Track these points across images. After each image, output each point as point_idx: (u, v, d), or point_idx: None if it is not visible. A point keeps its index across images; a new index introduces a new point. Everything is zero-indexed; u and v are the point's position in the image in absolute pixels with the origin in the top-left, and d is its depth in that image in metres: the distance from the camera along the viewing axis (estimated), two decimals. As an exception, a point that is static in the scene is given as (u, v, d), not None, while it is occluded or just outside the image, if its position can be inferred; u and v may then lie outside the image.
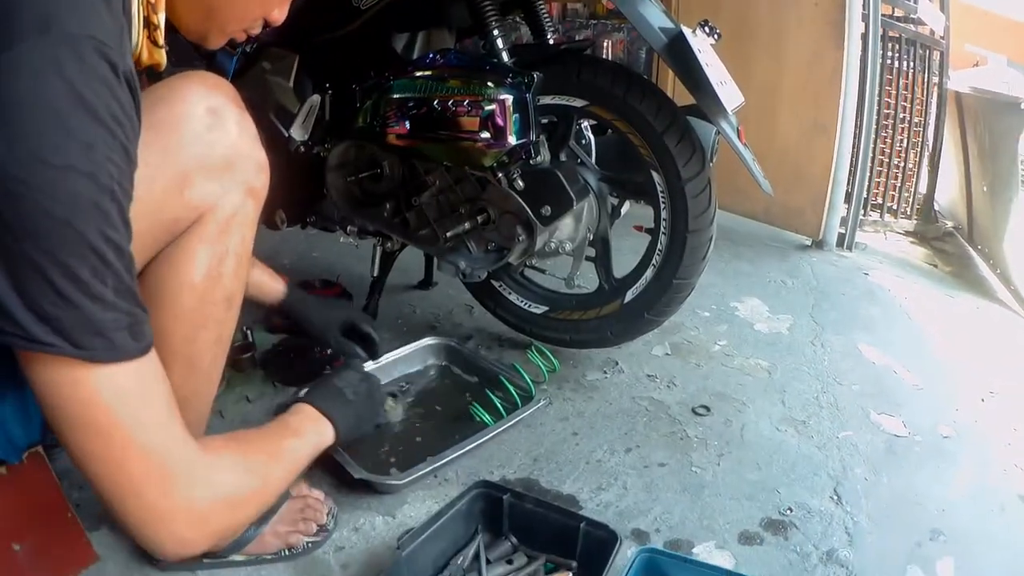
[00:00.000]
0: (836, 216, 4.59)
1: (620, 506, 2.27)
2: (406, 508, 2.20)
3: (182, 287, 1.57)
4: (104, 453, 1.18)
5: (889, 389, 3.05)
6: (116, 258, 1.11)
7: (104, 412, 1.15)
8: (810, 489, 2.40)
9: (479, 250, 2.67)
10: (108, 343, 1.11)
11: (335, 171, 2.75)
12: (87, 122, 1.05)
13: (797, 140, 4.54)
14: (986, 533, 2.30)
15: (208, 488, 1.31)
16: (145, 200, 1.27)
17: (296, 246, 3.58)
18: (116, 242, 1.10)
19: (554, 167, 2.54)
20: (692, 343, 3.27)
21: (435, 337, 2.88)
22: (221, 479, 1.35)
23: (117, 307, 1.12)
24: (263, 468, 1.49)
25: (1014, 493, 2.49)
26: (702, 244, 2.54)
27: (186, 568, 1.89)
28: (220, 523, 1.38)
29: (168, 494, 1.25)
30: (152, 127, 1.41)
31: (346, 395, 1.87)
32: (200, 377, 1.71)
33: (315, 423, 1.74)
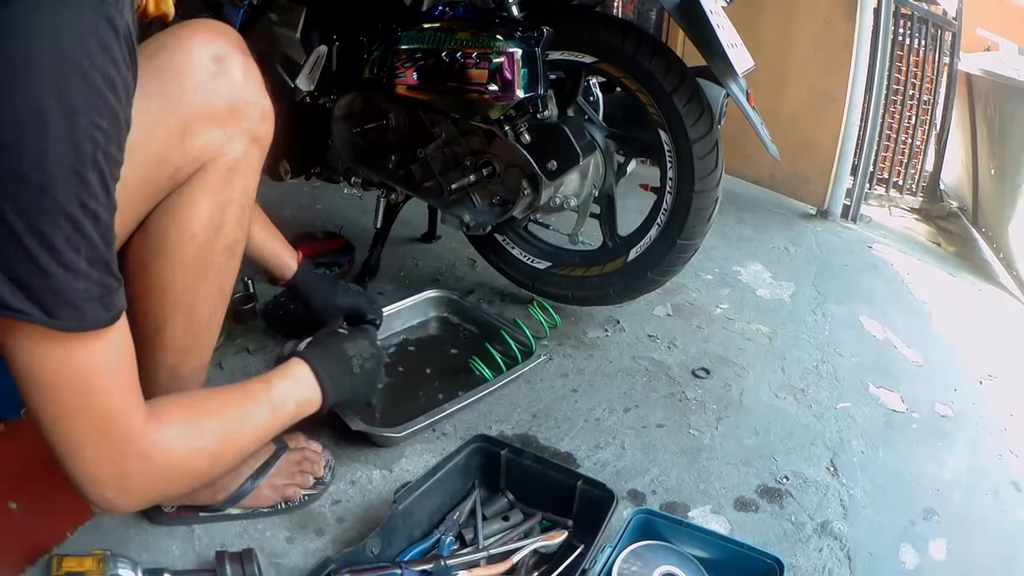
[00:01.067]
0: (842, 187, 4.58)
1: (617, 466, 2.27)
2: (403, 462, 2.20)
3: (183, 236, 1.55)
4: (55, 414, 1.17)
5: (889, 363, 3.05)
6: (92, 227, 1.08)
7: (61, 376, 1.15)
8: (807, 458, 2.40)
9: (483, 203, 2.66)
10: (77, 313, 1.10)
11: (340, 122, 2.73)
12: (76, 87, 1.03)
13: (806, 109, 4.52)
14: (979, 517, 2.30)
15: (146, 462, 1.29)
16: (146, 150, 1.27)
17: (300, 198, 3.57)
18: (94, 211, 1.08)
19: (561, 122, 2.52)
20: (694, 305, 3.27)
21: (437, 290, 2.88)
22: (164, 456, 1.32)
23: (89, 277, 1.10)
24: (217, 445, 1.46)
25: (1008, 479, 2.49)
26: (708, 205, 2.53)
27: (182, 521, 1.89)
28: (154, 494, 1.37)
29: (105, 459, 1.24)
30: (155, 75, 1.41)
31: (352, 366, 1.84)
32: (200, 327, 1.69)
33: (303, 391, 1.71)
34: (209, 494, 1.88)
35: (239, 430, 1.51)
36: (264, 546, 1.87)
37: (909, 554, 2.11)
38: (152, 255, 1.55)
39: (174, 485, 1.40)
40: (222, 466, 1.49)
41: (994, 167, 5.31)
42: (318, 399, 1.72)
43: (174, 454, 1.34)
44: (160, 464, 1.31)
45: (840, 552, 2.07)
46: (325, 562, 1.67)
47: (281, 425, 1.62)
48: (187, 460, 1.38)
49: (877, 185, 5.64)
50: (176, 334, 1.63)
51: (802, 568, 1.99)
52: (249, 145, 1.60)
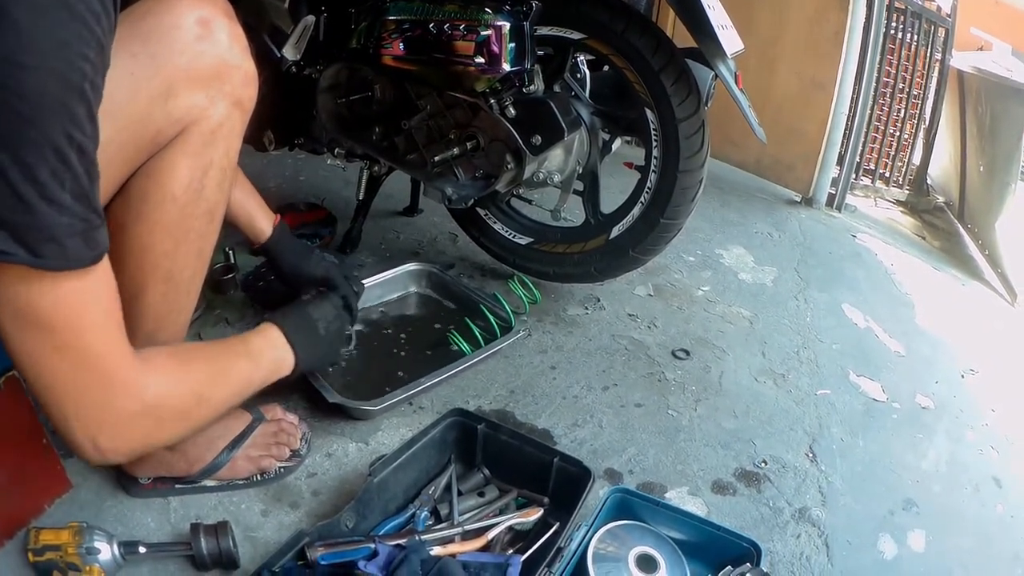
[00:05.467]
0: (828, 175, 4.59)
1: (595, 444, 2.26)
2: (380, 435, 2.19)
3: (164, 199, 1.53)
4: (40, 355, 1.17)
5: (870, 352, 3.05)
6: (78, 160, 1.07)
7: (47, 316, 1.13)
8: (786, 444, 2.40)
9: (467, 177, 2.63)
10: (60, 249, 1.08)
11: (326, 93, 2.71)
12: (64, 18, 1.02)
13: (794, 95, 4.52)
14: (958, 511, 2.31)
15: (135, 400, 1.29)
16: (129, 111, 1.26)
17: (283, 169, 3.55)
18: (80, 142, 1.06)
19: (547, 97, 2.51)
20: (675, 286, 3.26)
21: (417, 263, 2.86)
22: (152, 393, 1.32)
23: (73, 211, 1.08)
24: (204, 387, 1.47)
25: (988, 474, 2.50)
26: (692, 186, 2.52)
27: (157, 493, 1.88)
28: (142, 436, 1.36)
29: (93, 402, 1.23)
30: (140, 37, 1.40)
31: (318, 328, 1.86)
32: (179, 291, 1.68)
33: (277, 350, 1.73)
34: (185, 465, 1.87)
35: (224, 376, 1.54)
36: (239, 519, 1.86)
37: (888, 544, 2.12)
38: (132, 218, 1.53)
39: (163, 428, 1.40)
40: (209, 411, 1.49)
41: (983, 164, 5.33)
42: (291, 360, 1.75)
43: (162, 394, 1.34)
44: (150, 405, 1.31)
45: (818, 539, 2.07)
46: (299, 535, 1.67)
47: (261, 379, 1.64)
48: (176, 401, 1.39)
49: (863, 176, 5.67)
50: (155, 298, 1.62)
51: (779, 553, 1.99)
52: (231, 109, 1.58)
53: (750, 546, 1.81)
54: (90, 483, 1.86)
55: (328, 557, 1.64)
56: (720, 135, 2.78)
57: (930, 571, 2.08)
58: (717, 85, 2.59)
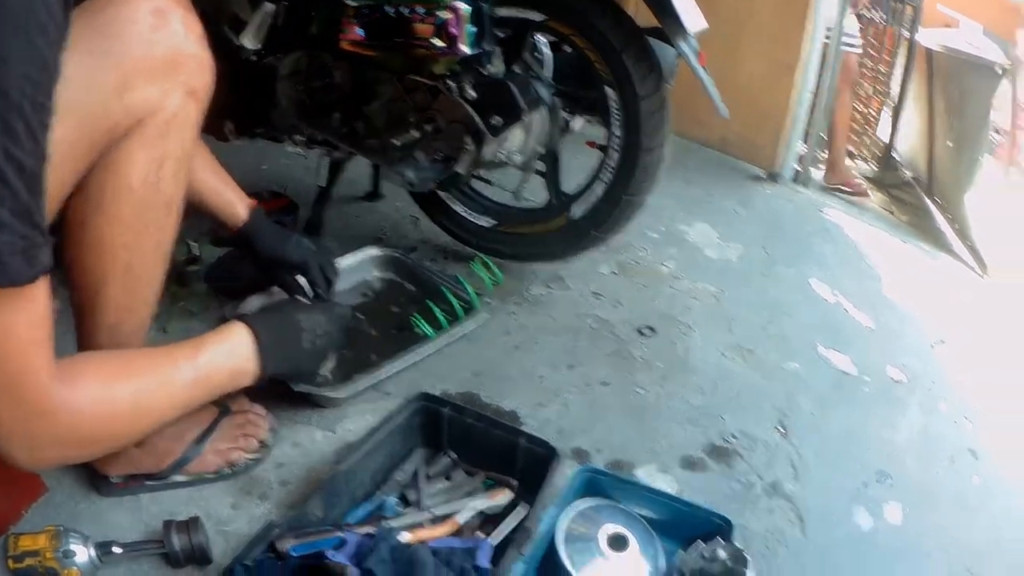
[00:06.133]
0: (793, 151, 4.60)
1: (561, 424, 2.26)
2: (346, 422, 2.18)
3: (121, 193, 1.53)
4: None
5: (839, 326, 3.06)
6: (16, 176, 1.04)
7: None
8: (755, 418, 2.40)
9: (427, 160, 2.62)
10: (2, 270, 1.06)
11: (286, 80, 2.70)
12: (5, 33, 1.00)
13: (760, 73, 4.53)
14: (935, 482, 2.32)
15: (54, 424, 1.26)
16: (85, 106, 1.25)
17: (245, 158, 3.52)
18: (19, 160, 1.04)
19: (506, 78, 2.51)
20: (639, 263, 3.26)
21: (379, 248, 2.84)
22: (73, 416, 1.28)
23: (12, 228, 1.05)
24: (134, 401, 1.41)
25: (964, 445, 2.52)
26: (654, 163, 2.52)
27: (129, 491, 1.86)
28: (59, 453, 1.35)
29: (10, 419, 1.20)
30: (96, 31, 1.39)
31: (302, 339, 1.80)
32: (139, 284, 1.67)
33: (238, 361, 1.66)
34: (153, 461, 1.86)
35: (155, 397, 1.47)
36: (210, 513, 1.85)
37: (863, 516, 2.12)
38: (90, 212, 1.52)
39: (83, 448, 1.39)
40: (134, 432, 1.46)
41: (951, 140, 5.38)
42: (253, 371, 1.67)
43: (82, 417, 1.31)
44: (67, 426, 1.28)
45: (791, 513, 2.08)
46: (269, 527, 1.66)
47: (209, 394, 1.59)
48: (95, 424, 1.35)
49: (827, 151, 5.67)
50: (116, 292, 1.61)
51: (752, 529, 1.99)
52: (187, 99, 1.57)
53: (722, 522, 1.81)
54: (64, 485, 1.84)
55: (298, 548, 1.62)
56: (685, 113, 2.78)
57: (908, 543, 2.09)
58: (680, 63, 2.58)
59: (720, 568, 1.69)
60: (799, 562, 1.96)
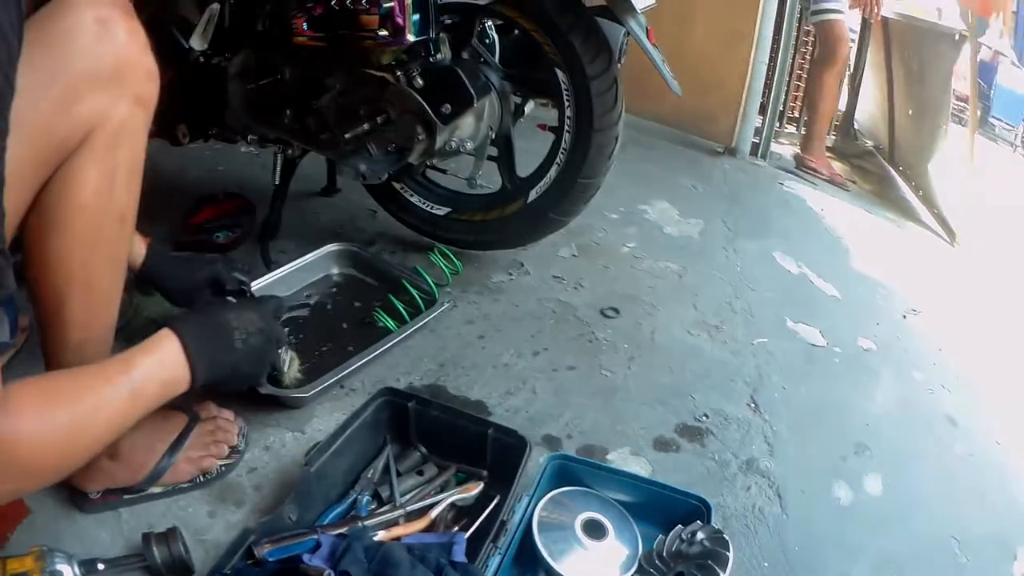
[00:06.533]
0: (750, 124, 4.60)
1: (530, 411, 2.26)
2: (315, 422, 2.17)
3: (73, 209, 1.51)
4: None
5: (806, 298, 3.07)
6: None
7: None
8: (726, 396, 2.41)
9: (379, 152, 2.60)
10: None
11: (235, 80, 2.67)
12: None
13: (713, 46, 4.52)
14: (915, 451, 2.33)
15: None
16: (33, 122, 1.23)
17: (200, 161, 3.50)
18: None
19: (455, 65, 2.50)
20: (600, 245, 3.26)
21: (337, 244, 2.82)
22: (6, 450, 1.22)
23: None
24: (73, 428, 1.35)
25: (942, 413, 2.53)
26: (607, 143, 2.52)
27: (108, 507, 1.85)
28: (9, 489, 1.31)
29: None
30: (41, 45, 1.36)
31: (233, 340, 1.69)
32: (99, 300, 1.66)
33: (167, 368, 1.56)
34: (128, 474, 1.85)
35: (93, 420, 1.40)
36: (188, 523, 1.84)
37: (843, 490, 2.13)
38: (47, 231, 1.51)
39: (24, 482, 1.34)
40: (76, 460, 1.39)
41: (912, 108, 5.41)
42: (186, 377, 1.58)
43: (21, 449, 1.25)
44: (5, 459, 1.23)
45: (769, 489, 2.08)
46: (245, 534, 1.66)
47: (144, 409, 1.50)
48: (39, 453, 1.30)
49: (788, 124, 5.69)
50: (76, 309, 1.60)
51: (730, 507, 2.00)
52: (133, 107, 1.54)
53: (699, 503, 1.81)
54: (46, 506, 1.83)
55: (275, 553, 1.63)
56: (638, 90, 2.77)
57: (890, 513, 2.10)
58: (630, 41, 2.57)
59: (700, 550, 1.69)
60: (780, 539, 1.96)
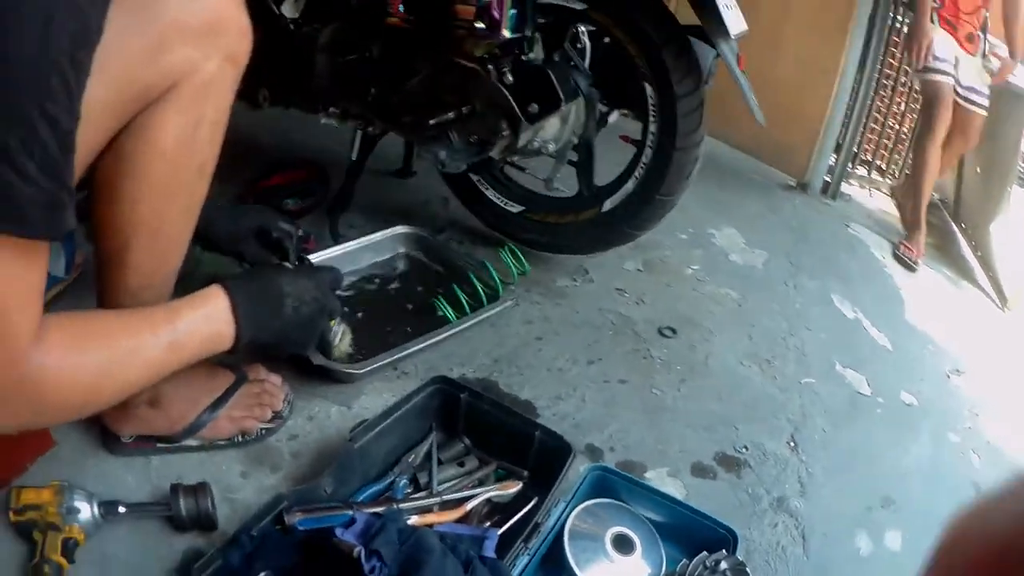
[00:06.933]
0: (824, 162, 4.58)
1: (577, 418, 2.25)
2: (363, 399, 2.17)
3: (153, 156, 1.50)
4: None
5: (857, 344, 3.06)
6: (49, 133, 1.04)
7: None
8: (768, 431, 2.40)
9: (461, 142, 2.60)
10: (20, 217, 1.05)
11: (323, 51, 2.68)
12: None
13: (797, 80, 4.51)
14: (936, 513, 2.29)
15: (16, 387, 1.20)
16: (116, 67, 1.23)
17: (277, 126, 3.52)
18: (53, 116, 1.04)
19: (546, 66, 2.50)
20: (665, 263, 3.25)
21: (407, 226, 2.83)
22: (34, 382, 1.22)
23: (39, 184, 1.04)
24: (103, 370, 1.35)
25: (968, 478, 2.53)
26: (687, 163, 2.52)
27: (139, 452, 1.86)
28: (16, 420, 1.29)
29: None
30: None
31: (284, 305, 1.67)
32: (166, 247, 1.66)
33: (214, 326, 1.57)
34: (167, 424, 1.85)
35: (126, 364, 1.40)
36: (219, 480, 1.84)
37: (863, 540, 2.12)
38: (120, 174, 1.50)
39: (44, 416, 1.36)
40: (102, 401, 1.39)
41: (979, 166, 5.35)
42: (230, 335, 1.58)
43: (46, 385, 1.25)
44: (30, 393, 1.24)
45: (795, 530, 2.07)
46: (278, 499, 1.66)
47: (183, 361, 1.50)
48: (60, 393, 1.29)
49: (860, 165, 5.65)
50: (140, 254, 1.60)
51: (755, 541, 1.99)
52: (225, 63, 1.55)
53: (727, 533, 1.80)
54: (72, 440, 1.83)
55: (306, 523, 1.62)
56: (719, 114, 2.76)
57: (904, 572, 2.06)
58: (718, 64, 2.56)
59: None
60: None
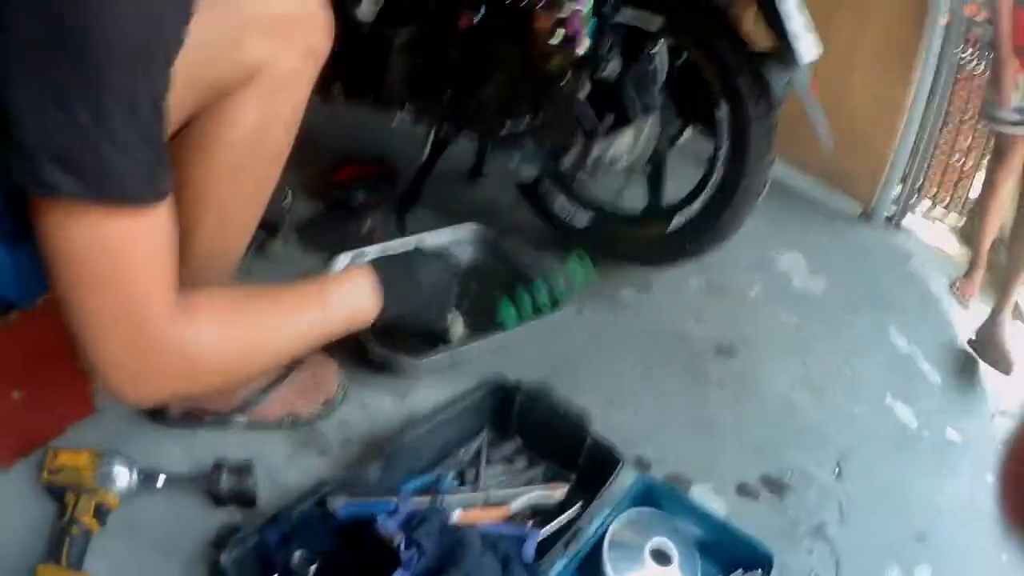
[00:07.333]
0: (890, 192, 4.53)
1: (629, 429, 2.25)
2: (417, 392, 2.20)
3: (225, 143, 1.54)
4: (82, 293, 1.14)
5: (909, 377, 3.03)
6: (148, 106, 1.07)
7: (96, 251, 1.11)
8: (814, 458, 2.39)
9: (533, 150, 2.63)
10: (123, 185, 1.07)
11: (399, 52, 2.71)
12: None
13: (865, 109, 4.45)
14: (966, 550, 2.30)
15: (168, 355, 1.23)
16: (197, 54, 1.23)
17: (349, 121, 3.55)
18: (151, 90, 1.07)
19: (621, 81, 2.51)
20: (727, 283, 3.24)
21: (475, 226, 2.81)
22: (190, 349, 1.26)
23: (139, 156, 1.07)
24: (255, 341, 1.41)
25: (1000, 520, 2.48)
26: (756, 187, 2.52)
27: (186, 425, 1.89)
28: (172, 388, 1.32)
29: (124, 350, 1.19)
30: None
31: (421, 283, 1.74)
32: (232, 232, 1.70)
33: (359, 298, 1.59)
34: (217, 400, 1.88)
35: (276, 337, 1.44)
36: (264, 460, 1.86)
37: (895, 574, 2.11)
38: (190, 160, 1.53)
39: (198, 382, 1.36)
40: (252, 371, 1.46)
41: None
42: (374, 308, 1.60)
43: (196, 353, 1.28)
44: (179, 360, 1.26)
45: (829, 558, 2.07)
46: (322, 483, 1.68)
47: (330, 332, 1.54)
48: (218, 357, 1.34)
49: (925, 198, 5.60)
50: (205, 237, 1.62)
51: (790, 566, 1.98)
52: (305, 58, 1.58)
53: (764, 555, 1.81)
54: (117, 408, 1.85)
55: (349, 509, 1.64)
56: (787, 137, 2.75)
57: None
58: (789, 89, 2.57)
59: (751, 603, 1.70)
60: None
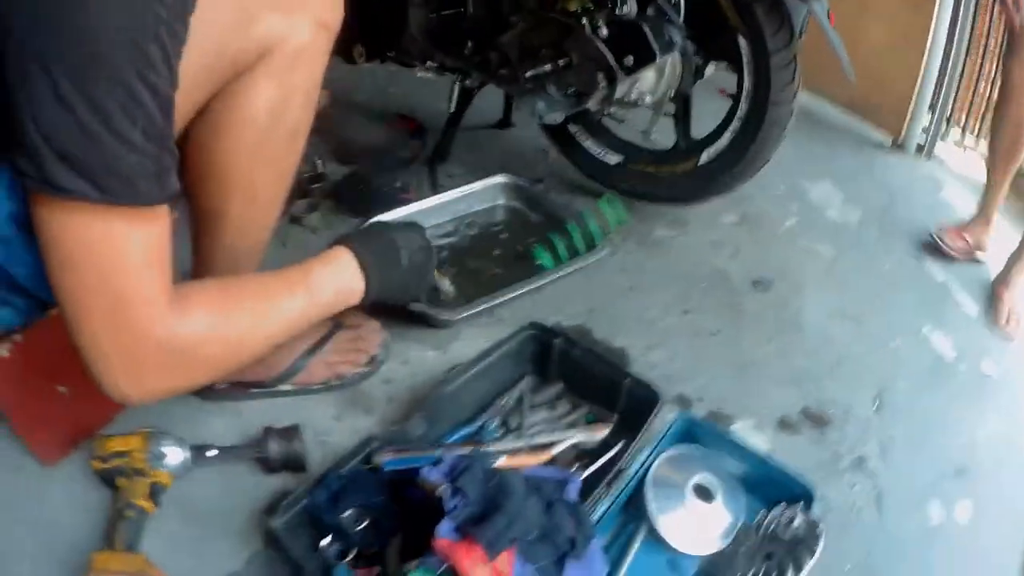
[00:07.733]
0: (919, 122, 4.47)
1: (667, 368, 2.27)
2: (457, 344, 2.22)
3: (245, 121, 1.55)
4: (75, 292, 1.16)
5: (945, 309, 2.98)
6: (151, 100, 1.07)
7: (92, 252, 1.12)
8: (853, 390, 2.38)
9: (558, 94, 2.62)
10: (128, 186, 1.08)
11: (418, 6, 2.73)
12: None
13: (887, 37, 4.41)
14: (1007, 484, 2.26)
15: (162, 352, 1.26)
16: (206, 36, 1.24)
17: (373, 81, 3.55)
18: (153, 83, 1.07)
19: (640, 19, 2.49)
20: (761, 216, 3.22)
21: (506, 176, 2.84)
22: (183, 343, 1.29)
23: (144, 151, 1.08)
24: (247, 330, 1.42)
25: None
26: (782, 118, 2.51)
27: (232, 398, 1.92)
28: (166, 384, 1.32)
29: (118, 348, 1.22)
30: None
31: (400, 256, 1.74)
32: (260, 208, 1.71)
33: (344, 280, 1.64)
34: (262, 371, 1.89)
35: (274, 315, 1.47)
36: (311, 423, 1.89)
37: (936, 510, 2.09)
38: (213, 139, 1.55)
39: (190, 377, 1.38)
40: (254, 352, 1.45)
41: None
42: (360, 288, 1.65)
43: (196, 343, 1.31)
44: (175, 355, 1.28)
45: (871, 492, 2.06)
46: (367, 440, 1.70)
47: (317, 315, 1.58)
48: (212, 349, 1.35)
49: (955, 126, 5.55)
50: (235, 214, 1.65)
51: (832, 500, 1.97)
52: (317, 30, 1.57)
53: (806, 489, 1.81)
54: None
55: (393, 463, 1.66)
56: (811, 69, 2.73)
57: (970, 544, 2.06)
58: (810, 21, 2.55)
59: (791, 535, 1.71)
60: (866, 545, 1.94)
